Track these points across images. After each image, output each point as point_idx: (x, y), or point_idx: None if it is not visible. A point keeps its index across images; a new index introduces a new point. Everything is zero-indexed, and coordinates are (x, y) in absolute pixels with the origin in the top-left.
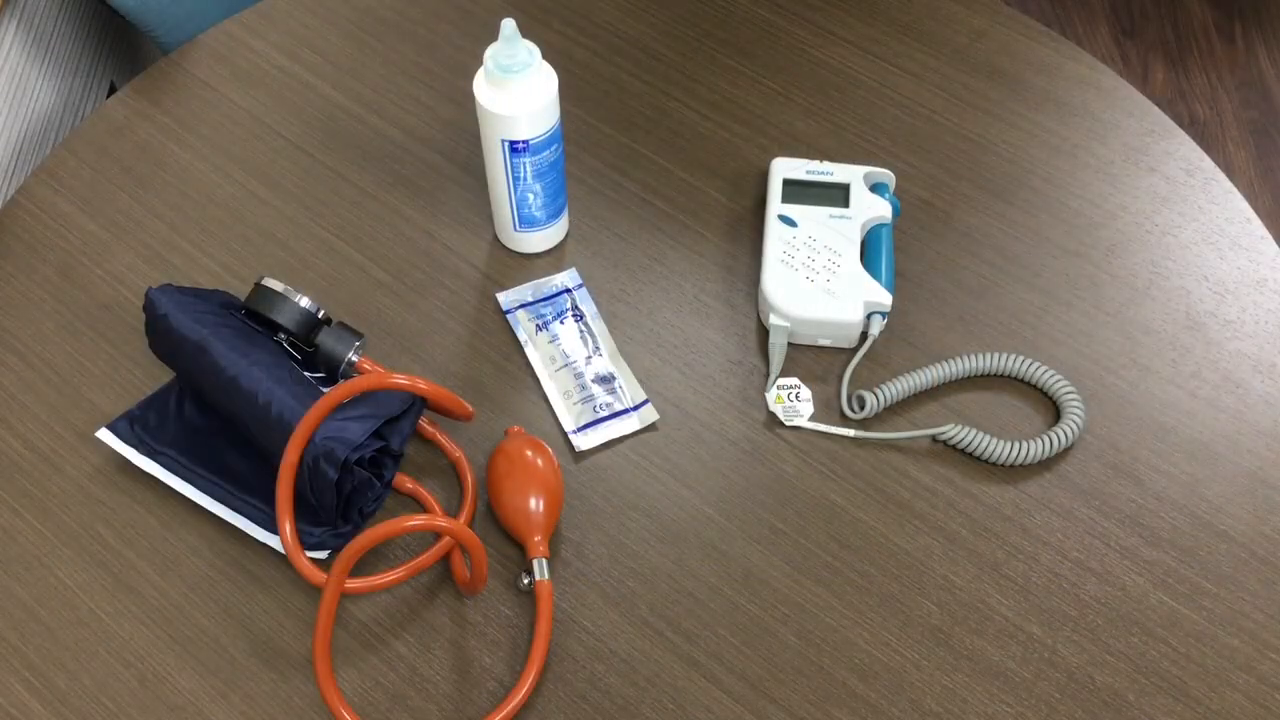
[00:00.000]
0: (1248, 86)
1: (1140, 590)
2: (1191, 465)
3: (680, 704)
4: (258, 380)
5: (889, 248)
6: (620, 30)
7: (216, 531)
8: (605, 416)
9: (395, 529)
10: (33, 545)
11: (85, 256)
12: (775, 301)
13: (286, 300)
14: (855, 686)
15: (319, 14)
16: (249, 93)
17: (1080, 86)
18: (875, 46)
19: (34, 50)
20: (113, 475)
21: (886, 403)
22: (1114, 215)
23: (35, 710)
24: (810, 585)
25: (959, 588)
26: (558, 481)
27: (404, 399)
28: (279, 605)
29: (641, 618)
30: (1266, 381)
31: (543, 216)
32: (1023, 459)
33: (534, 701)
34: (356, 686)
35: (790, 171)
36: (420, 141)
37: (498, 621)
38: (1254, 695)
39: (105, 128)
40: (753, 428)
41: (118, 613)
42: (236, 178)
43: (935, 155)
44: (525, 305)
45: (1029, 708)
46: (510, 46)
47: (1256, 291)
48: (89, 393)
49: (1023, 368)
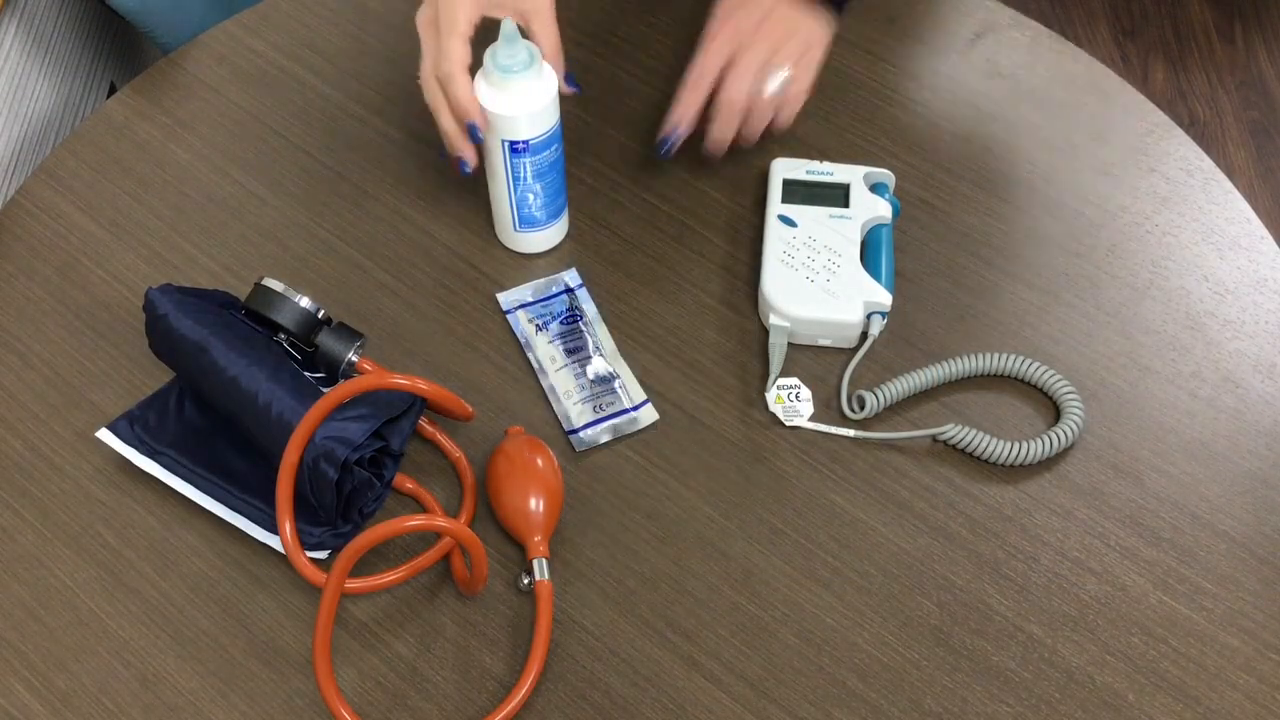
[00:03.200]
0: (1248, 86)
1: (1140, 590)
2: (1191, 465)
3: (680, 704)
4: (258, 380)
5: (889, 248)
6: (620, 30)
7: (216, 531)
8: (605, 416)
9: (395, 529)
10: (33, 545)
11: (85, 256)
12: (775, 301)
13: (286, 300)
14: (855, 686)
15: (319, 14)
16: (249, 93)
17: (1080, 86)
18: (875, 46)
19: (34, 50)
20: (113, 475)
21: (886, 403)
22: (1114, 215)
23: (35, 710)
24: (810, 585)
25: (959, 588)
26: (558, 481)
27: (404, 399)
28: (279, 605)
29: (641, 618)
30: (1266, 381)
31: (543, 217)
32: (1023, 459)
33: (534, 701)
34: (356, 686)
35: (790, 171)
36: (420, 141)
37: (498, 621)
38: (1254, 695)
39: (105, 128)
40: (753, 428)
41: (118, 613)
42: (236, 178)
43: (935, 155)
44: (525, 305)
45: (1029, 708)
46: (510, 47)
47: (1256, 291)
48: (89, 393)
49: (1023, 368)
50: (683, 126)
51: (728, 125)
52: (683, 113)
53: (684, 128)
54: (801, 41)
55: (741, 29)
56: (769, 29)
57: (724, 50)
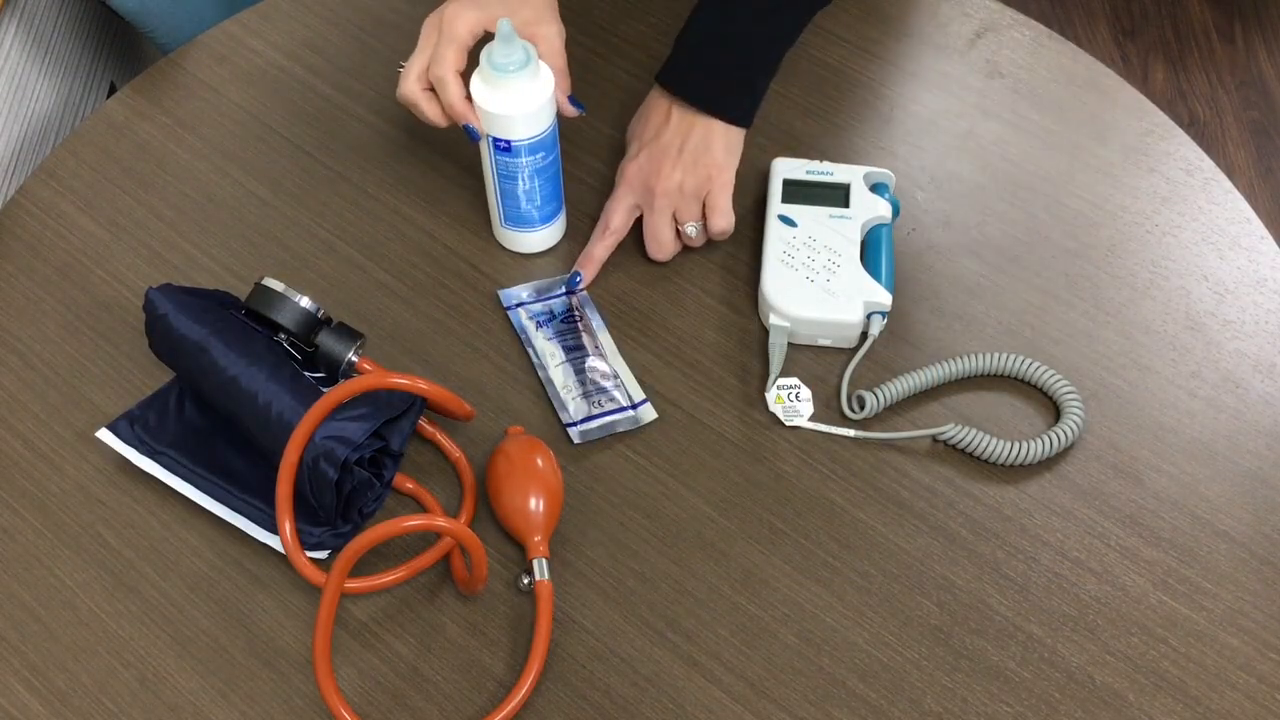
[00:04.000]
0: (1248, 86)
1: (1140, 590)
2: (1191, 465)
3: (680, 704)
4: (258, 380)
5: (889, 248)
6: (620, 30)
7: (216, 531)
8: (604, 412)
9: (395, 529)
10: (33, 545)
11: (85, 256)
12: (775, 301)
13: (286, 300)
14: (855, 686)
15: (319, 14)
16: (249, 93)
17: (1080, 86)
18: (875, 46)
19: (34, 50)
20: (113, 475)
21: (886, 403)
22: (1114, 215)
23: (35, 710)
24: (810, 585)
25: (959, 588)
26: (558, 481)
27: (404, 399)
28: (279, 605)
29: (641, 618)
30: (1266, 381)
31: (540, 216)
32: (1023, 459)
33: (534, 701)
34: (356, 686)
35: (790, 171)
36: (420, 141)
37: (498, 621)
38: (1254, 695)
39: (105, 128)
40: (753, 428)
41: (118, 613)
42: (236, 178)
43: (935, 155)
44: (526, 303)
45: (1029, 708)
46: (507, 46)
47: (1256, 291)
48: (89, 393)
49: (1023, 368)
50: (587, 275)
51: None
52: (587, 263)
53: (588, 276)
54: (703, 178)
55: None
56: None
57: (627, 203)
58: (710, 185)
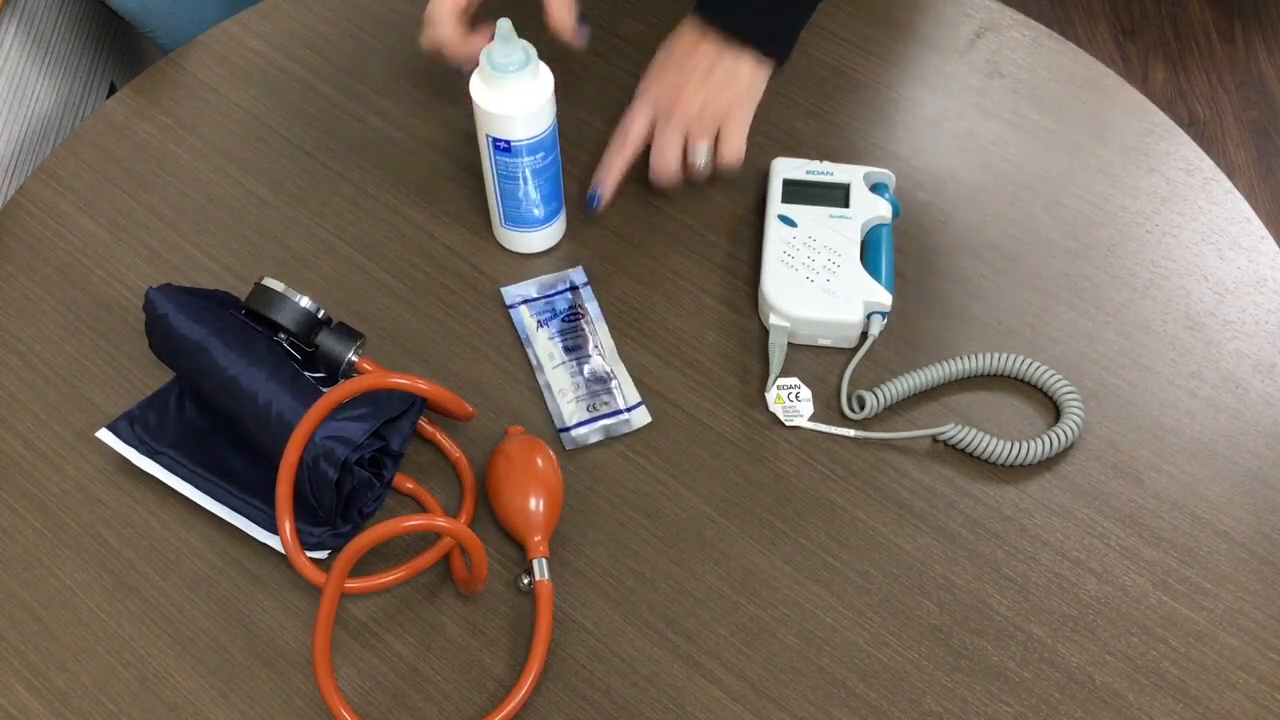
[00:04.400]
0: (1248, 86)
1: (1140, 590)
2: (1191, 465)
3: (680, 704)
4: (258, 380)
5: (889, 248)
6: (620, 30)
7: (216, 531)
8: (598, 416)
9: (395, 529)
10: (33, 545)
11: (85, 256)
12: (775, 301)
13: (286, 300)
14: (855, 686)
15: (319, 14)
16: (249, 93)
17: (1080, 86)
18: (875, 46)
19: (34, 50)
20: (113, 475)
21: (886, 403)
22: (1114, 215)
23: (35, 710)
24: (810, 585)
25: (959, 588)
26: (558, 481)
27: (404, 399)
28: (279, 605)
29: (641, 618)
30: (1266, 381)
31: (540, 216)
32: (1023, 459)
33: (534, 701)
34: (356, 686)
35: (790, 171)
36: (420, 141)
37: (498, 621)
38: (1254, 695)
39: (105, 128)
40: (753, 428)
41: (118, 613)
42: (236, 178)
43: (935, 155)
44: (529, 301)
45: (1029, 708)
46: (507, 46)
47: (1256, 291)
48: (89, 393)
49: (1023, 368)
50: (606, 187)
51: (665, 186)
52: (605, 174)
53: (607, 189)
54: (724, 104)
55: (663, 95)
56: (690, 97)
57: (646, 113)
58: (729, 114)
